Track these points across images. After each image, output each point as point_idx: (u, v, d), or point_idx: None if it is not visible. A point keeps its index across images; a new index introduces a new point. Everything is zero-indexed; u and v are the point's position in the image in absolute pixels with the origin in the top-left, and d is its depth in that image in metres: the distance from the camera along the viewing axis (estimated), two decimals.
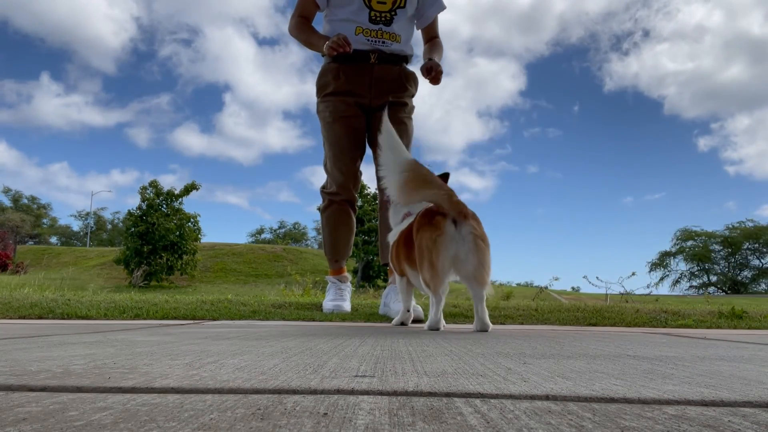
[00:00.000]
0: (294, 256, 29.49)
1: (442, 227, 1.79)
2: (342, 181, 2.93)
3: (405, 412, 0.56)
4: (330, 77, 2.87)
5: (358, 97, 2.86)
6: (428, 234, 1.81)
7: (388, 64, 2.86)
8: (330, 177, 2.96)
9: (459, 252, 1.77)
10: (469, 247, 1.77)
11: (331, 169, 2.94)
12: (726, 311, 3.32)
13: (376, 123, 2.85)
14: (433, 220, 1.83)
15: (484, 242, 1.81)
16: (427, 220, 1.86)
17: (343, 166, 2.91)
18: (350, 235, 3.08)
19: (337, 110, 2.87)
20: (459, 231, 1.79)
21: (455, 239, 1.78)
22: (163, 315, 2.91)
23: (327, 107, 2.90)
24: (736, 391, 0.70)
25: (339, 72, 2.84)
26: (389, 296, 2.91)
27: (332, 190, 2.96)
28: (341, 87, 2.85)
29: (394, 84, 2.88)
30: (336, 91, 2.86)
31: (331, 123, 2.88)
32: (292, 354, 1.06)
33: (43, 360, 0.95)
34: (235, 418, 0.53)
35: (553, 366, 0.93)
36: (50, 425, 0.50)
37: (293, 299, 4.17)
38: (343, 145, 2.90)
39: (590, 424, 0.52)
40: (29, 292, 4.92)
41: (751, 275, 46.00)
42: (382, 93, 2.86)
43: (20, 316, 2.83)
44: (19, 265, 24.60)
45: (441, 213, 1.82)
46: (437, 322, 1.92)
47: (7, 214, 48.54)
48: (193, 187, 24.26)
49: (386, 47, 2.84)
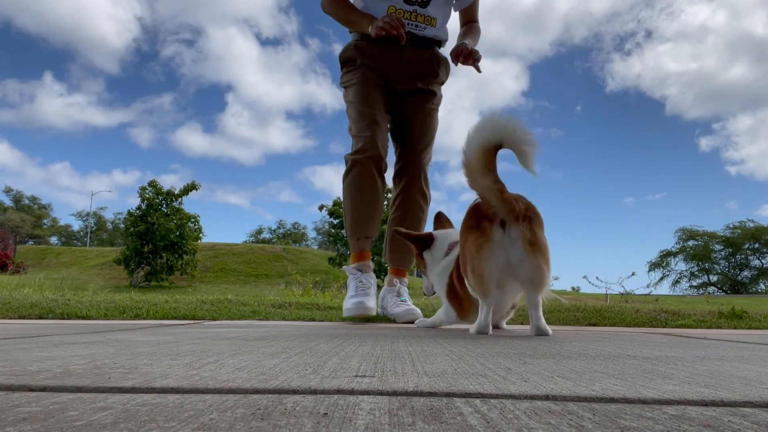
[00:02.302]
0: (294, 256, 29.49)
1: (489, 233, 1.63)
2: (369, 135, 2.53)
3: (405, 412, 0.56)
4: (357, 53, 2.67)
5: (386, 77, 2.67)
6: (473, 239, 1.67)
7: (419, 47, 2.66)
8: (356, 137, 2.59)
9: (510, 258, 1.62)
10: (520, 253, 1.61)
11: (356, 126, 2.59)
12: (726, 311, 3.32)
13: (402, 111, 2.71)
14: (479, 223, 1.67)
15: (536, 246, 1.63)
16: (473, 222, 1.70)
17: (372, 121, 2.56)
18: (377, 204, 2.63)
19: (366, 75, 2.64)
20: (508, 235, 1.62)
21: (503, 245, 1.62)
22: (163, 315, 2.91)
23: (355, 74, 2.66)
24: (736, 391, 0.70)
25: (367, 50, 2.65)
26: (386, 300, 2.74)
27: (357, 148, 2.57)
28: (369, 62, 2.65)
29: (424, 69, 2.69)
30: (364, 64, 2.66)
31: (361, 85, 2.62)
32: (292, 354, 1.06)
33: (43, 360, 0.95)
34: (235, 418, 0.53)
35: (553, 366, 0.93)
36: (50, 425, 0.50)
37: (293, 299, 4.16)
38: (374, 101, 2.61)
39: (590, 424, 0.52)
40: (29, 292, 4.92)
41: (752, 275, 46.00)
42: (410, 77, 2.68)
43: (20, 316, 2.83)
44: (19, 265, 24.61)
45: (488, 216, 1.66)
46: (486, 327, 1.75)
47: (8, 214, 48.54)
48: (192, 187, 24.28)
49: (419, 31, 2.63)
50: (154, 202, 23.66)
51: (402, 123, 2.73)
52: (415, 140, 2.71)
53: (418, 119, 2.71)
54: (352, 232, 2.64)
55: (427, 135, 2.72)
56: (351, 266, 2.67)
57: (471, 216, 1.72)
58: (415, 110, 2.71)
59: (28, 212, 55.05)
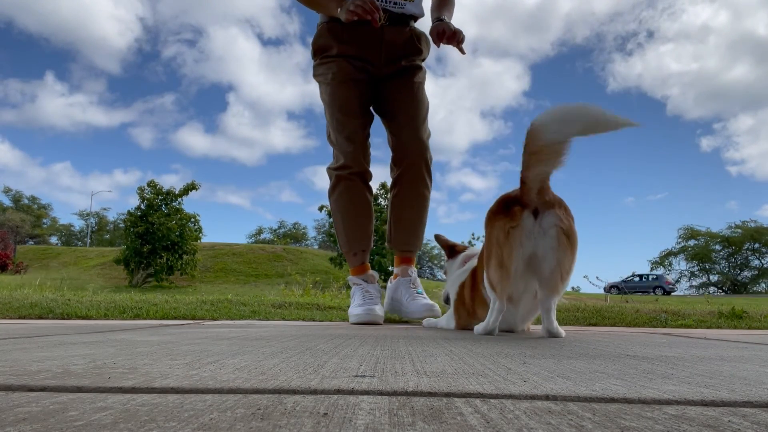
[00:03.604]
0: (294, 256, 29.48)
1: (519, 218, 1.51)
2: (351, 151, 2.44)
3: (405, 412, 0.56)
4: (332, 38, 2.45)
5: (366, 63, 2.47)
6: (501, 224, 1.54)
7: (398, 26, 2.48)
8: (336, 148, 2.49)
9: (537, 249, 1.51)
10: (550, 243, 1.50)
11: (336, 138, 2.46)
12: (726, 311, 3.32)
13: (389, 92, 2.54)
14: (510, 208, 1.55)
15: (570, 239, 1.52)
16: (502, 208, 1.59)
17: (351, 133, 2.44)
18: (368, 218, 2.56)
19: (342, 70, 2.44)
20: (539, 223, 1.51)
21: (533, 234, 1.51)
22: (163, 315, 2.91)
23: (330, 68, 2.46)
24: (736, 391, 0.70)
25: (343, 33, 2.41)
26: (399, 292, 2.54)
27: (340, 164, 2.47)
28: (347, 50, 2.44)
29: (406, 47, 2.52)
30: (341, 54, 2.45)
31: (336, 84, 2.44)
32: (292, 354, 1.06)
33: (43, 360, 0.95)
34: (235, 418, 0.53)
35: (553, 366, 0.93)
36: (50, 425, 0.50)
37: (293, 299, 4.16)
38: (350, 108, 2.45)
39: (590, 424, 0.52)
40: (29, 292, 4.92)
41: (752, 275, 46.01)
42: (393, 59, 2.50)
43: (20, 316, 2.83)
44: (19, 265, 24.60)
45: (520, 201, 1.54)
46: (492, 330, 1.67)
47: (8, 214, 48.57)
48: (192, 187, 24.27)
49: (397, 8, 2.45)
50: (154, 202, 23.65)
51: (392, 104, 2.56)
52: (410, 116, 2.53)
53: (409, 95, 2.54)
54: (348, 248, 2.55)
55: (422, 109, 2.56)
56: (355, 277, 2.56)
57: (500, 203, 1.62)
58: (403, 88, 2.55)
59: (28, 212, 55.07)
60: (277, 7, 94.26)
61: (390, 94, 2.55)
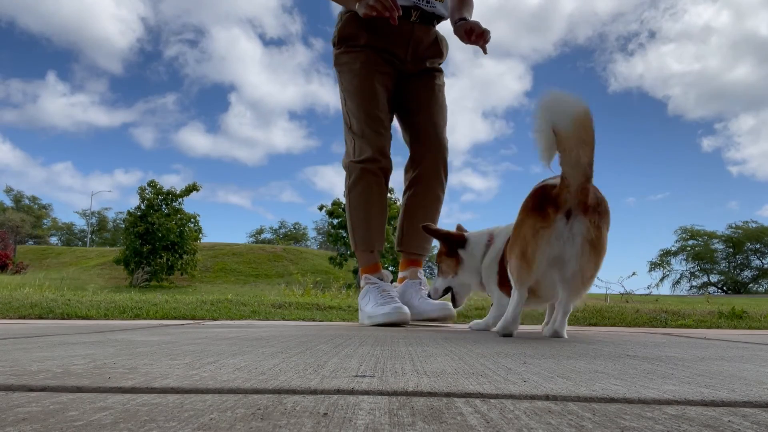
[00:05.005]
0: (294, 256, 29.50)
1: (551, 221, 1.47)
2: (380, 145, 2.35)
3: (405, 412, 0.56)
4: (360, 28, 2.39)
5: (393, 57, 2.43)
6: (531, 222, 1.50)
7: (427, 25, 2.45)
8: (361, 141, 2.38)
9: (563, 253, 1.48)
10: (576, 250, 1.47)
11: (362, 130, 2.37)
12: (726, 311, 3.32)
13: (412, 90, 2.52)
14: (543, 208, 1.50)
15: (596, 248, 1.48)
16: (536, 204, 1.53)
17: (381, 125, 2.36)
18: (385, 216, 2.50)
19: (371, 61, 2.39)
20: (570, 228, 1.46)
21: (562, 237, 1.47)
22: (163, 315, 2.91)
23: (356, 58, 2.40)
24: (736, 391, 0.70)
25: (373, 24, 2.34)
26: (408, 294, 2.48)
27: (366, 157, 2.35)
28: (376, 42, 2.39)
29: (432, 48, 2.51)
30: (369, 45, 2.39)
31: (365, 75, 2.37)
32: (292, 354, 1.06)
33: (43, 360, 0.95)
34: (235, 418, 0.53)
35: (553, 366, 0.93)
36: (50, 425, 0.50)
37: (293, 299, 4.17)
38: (380, 100, 2.38)
39: (590, 424, 0.52)
40: (29, 292, 4.92)
41: (752, 275, 46.01)
42: (419, 58, 2.48)
43: (20, 316, 2.83)
44: (19, 265, 24.61)
45: (555, 201, 1.48)
46: (513, 324, 1.60)
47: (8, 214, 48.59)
48: (193, 188, 24.30)
49: (429, 7, 2.40)
50: (154, 202, 23.67)
51: (414, 102, 2.54)
52: (433, 115, 2.52)
53: (432, 95, 2.54)
54: (366, 246, 2.45)
55: (443, 112, 2.56)
56: (371, 275, 2.44)
57: (535, 197, 1.55)
58: (426, 88, 2.54)
59: (28, 212, 55.08)
60: (279, 7, 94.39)
61: (413, 92, 2.53)
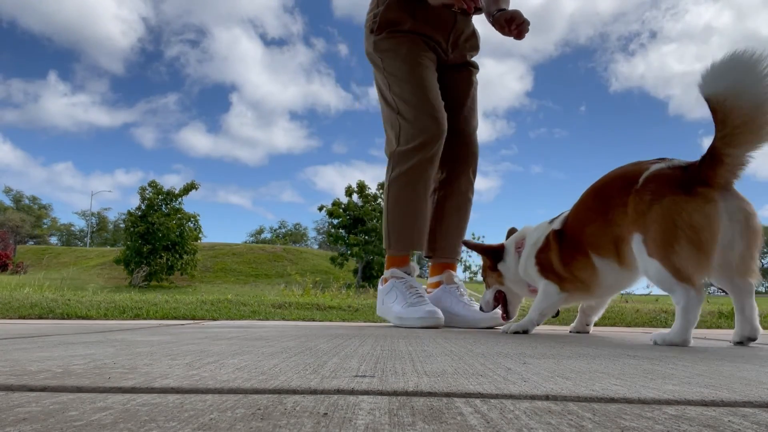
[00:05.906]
0: (294, 256, 29.49)
1: (714, 198, 1.32)
2: (436, 130, 2.20)
3: (405, 412, 0.56)
4: (405, 13, 2.29)
5: (437, 45, 2.36)
6: (690, 207, 1.33)
7: (468, 16, 2.40)
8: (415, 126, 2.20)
9: (733, 236, 1.34)
10: (739, 229, 1.34)
11: (415, 115, 2.21)
12: (726, 311, 3.32)
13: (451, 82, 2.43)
14: (690, 188, 1.35)
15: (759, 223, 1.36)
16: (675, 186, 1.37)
17: (436, 111, 2.22)
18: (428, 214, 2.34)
19: (419, 46, 2.30)
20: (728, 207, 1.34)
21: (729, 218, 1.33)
22: (163, 315, 2.91)
23: (402, 43, 2.29)
24: (736, 391, 0.70)
25: (419, 10, 2.28)
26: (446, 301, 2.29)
27: (422, 140, 2.18)
28: (421, 28, 2.30)
29: (470, 40, 2.45)
30: (414, 30, 2.30)
31: (415, 60, 2.27)
32: (292, 354, 1.06)
33: (43, 360, 0.95)
34: (235, 418, 0.53)
35: (553, 366, 0.93)
36: (50, 425, 0.50)
37: (293, 299, 4.17)
38: (433, 85, 2.28)
39: (590, 424, 0.52)
40: (29, 292, 4.92)
41: None
42: (459, 49, 2.42)
43: (20, 316, 2.83)
44: (19, 265, 24.61)
45: (703, 179, 1.34)
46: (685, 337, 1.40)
47: (8, 214, 48.60)
48: (192, 187, 24.27)
49: None
50: (155, 202, 23.66)
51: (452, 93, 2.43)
52: (468, 119, 2.45)
53: (470, 97, 2.47)
54: (402, 247, 2.26)
55: (476, 114, 2.50)
56: (398, 269, 2.25)
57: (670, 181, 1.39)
58: (465, 82, 2.48)
59: (28, 212, 55.07)
60: (280, 7, 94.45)
61: (452, 83, 2.46)
